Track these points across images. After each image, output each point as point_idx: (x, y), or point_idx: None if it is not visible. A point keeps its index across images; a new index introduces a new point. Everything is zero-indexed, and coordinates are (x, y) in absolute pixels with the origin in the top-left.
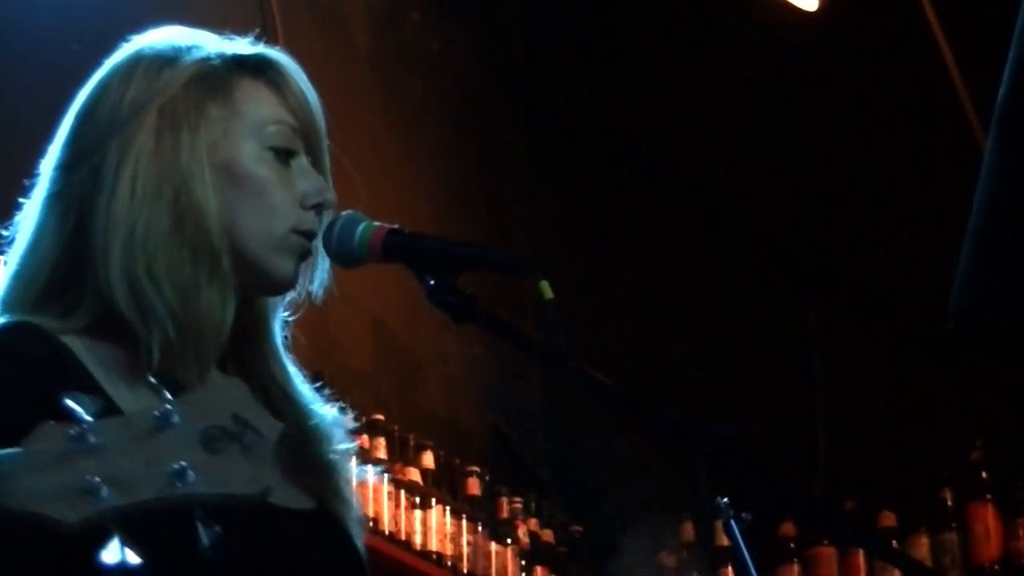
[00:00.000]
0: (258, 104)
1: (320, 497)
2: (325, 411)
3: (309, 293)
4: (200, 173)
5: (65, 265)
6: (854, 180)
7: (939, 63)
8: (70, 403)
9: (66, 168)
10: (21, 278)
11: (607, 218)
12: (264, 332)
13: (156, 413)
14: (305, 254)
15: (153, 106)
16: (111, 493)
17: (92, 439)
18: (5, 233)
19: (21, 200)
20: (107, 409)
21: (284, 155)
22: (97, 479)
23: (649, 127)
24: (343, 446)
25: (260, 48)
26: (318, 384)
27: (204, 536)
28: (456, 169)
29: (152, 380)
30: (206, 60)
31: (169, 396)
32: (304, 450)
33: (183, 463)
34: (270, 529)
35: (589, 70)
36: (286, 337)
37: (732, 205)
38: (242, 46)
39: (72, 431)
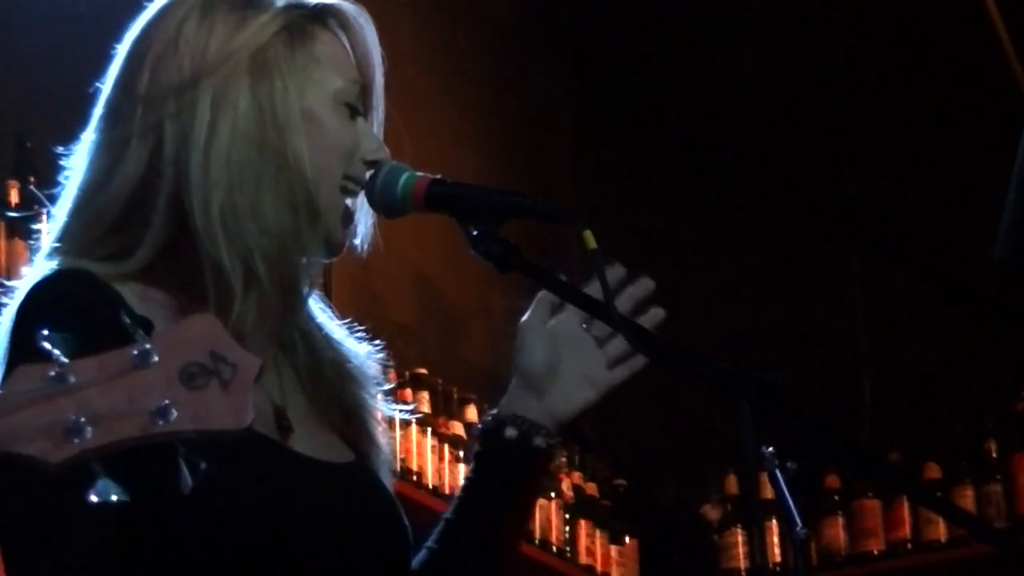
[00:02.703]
0: (335, 57)
1: (355, 443)
2: (357, 348)
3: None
4: (296, 123)
5: (134, 203)
6: (899, 129)
7: (984, 14)
8: (45, 343)
9: (144, 105)
10: (84, 215)
11: (651, 168)
12: None
13: (134, 351)
14: (348, 219)
15: (245, 52)
16: (94, 432)
17: (72, 378)
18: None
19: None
20: (83, 348)
21: (352, 109)
22: (80, 418)
23: (694, 77)
24: (375, 386)
25: None
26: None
27: (187, 473)
28: (499, 121)
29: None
30: (291, 8)
31: (144, 335)
32: (339, 392)
33: (166, 400)
34: (295, 478)
35: (633, 20)
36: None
37: (776, 154)
38: None
39: (51, 371)
